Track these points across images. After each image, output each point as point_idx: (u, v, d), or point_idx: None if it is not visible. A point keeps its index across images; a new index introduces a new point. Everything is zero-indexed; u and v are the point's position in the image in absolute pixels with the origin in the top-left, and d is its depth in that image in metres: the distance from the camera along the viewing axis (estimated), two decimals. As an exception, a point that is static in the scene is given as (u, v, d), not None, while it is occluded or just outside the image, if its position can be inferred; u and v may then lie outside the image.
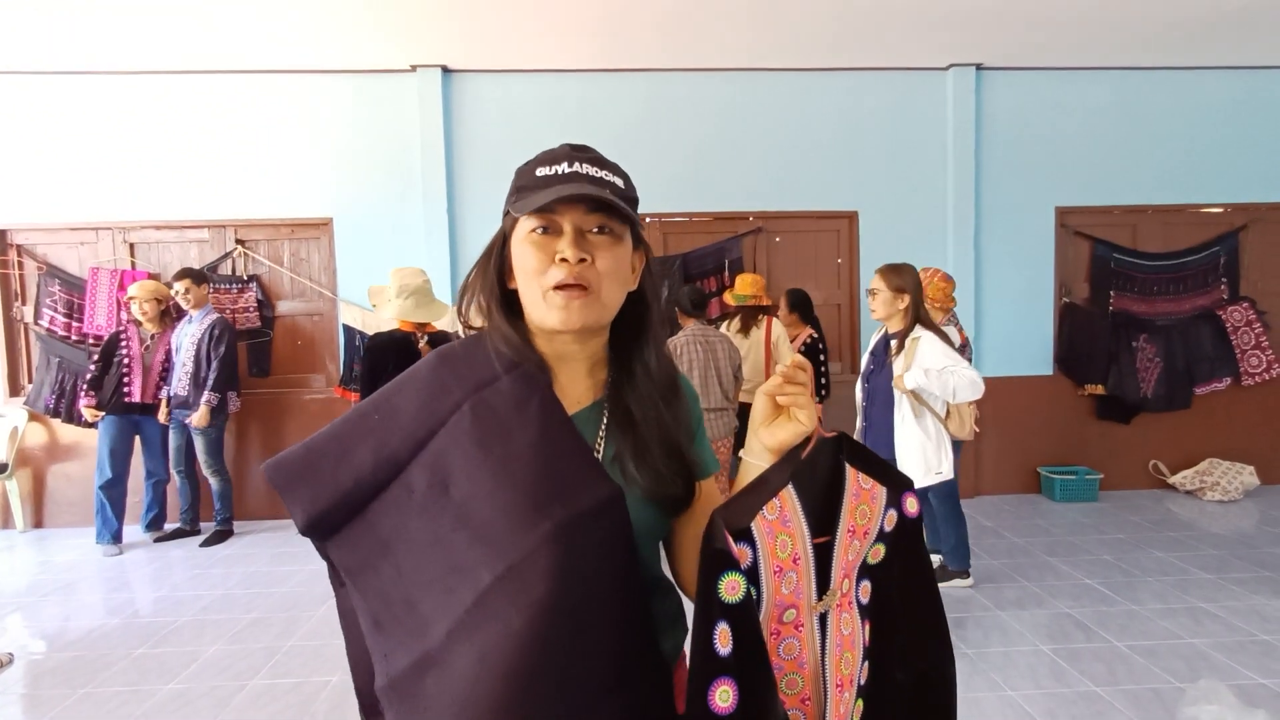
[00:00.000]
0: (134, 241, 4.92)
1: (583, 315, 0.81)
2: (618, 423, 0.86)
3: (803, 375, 0.82)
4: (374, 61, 4.72)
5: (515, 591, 0.71)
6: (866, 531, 0.88)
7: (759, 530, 0.79)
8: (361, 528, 0.79)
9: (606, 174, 0.83)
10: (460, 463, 0.78)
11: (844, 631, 0.87)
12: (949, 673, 0.94)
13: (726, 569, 0.76)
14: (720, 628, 0.75)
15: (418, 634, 0.75)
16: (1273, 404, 5.27)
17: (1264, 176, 5.22)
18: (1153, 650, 2.86)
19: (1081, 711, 2.44)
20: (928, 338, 3.07)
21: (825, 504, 0.85)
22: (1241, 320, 5.19)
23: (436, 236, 4.84)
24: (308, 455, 0.80)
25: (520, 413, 0.80)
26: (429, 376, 0.84)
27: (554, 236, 0.81)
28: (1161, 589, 3.46)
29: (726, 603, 0.75)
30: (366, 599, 0.78)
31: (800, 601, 0.83)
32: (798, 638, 0.84)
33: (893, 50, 4.74)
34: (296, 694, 2.66)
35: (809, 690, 0.84)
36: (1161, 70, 5.11)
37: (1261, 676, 2.63)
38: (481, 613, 0.72)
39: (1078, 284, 5.30)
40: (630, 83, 4.94)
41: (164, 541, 4.53)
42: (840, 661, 0.85)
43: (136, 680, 2.79)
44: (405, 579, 0.76)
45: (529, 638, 0.70)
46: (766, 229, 5.13)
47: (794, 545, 0.82)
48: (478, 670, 0.70)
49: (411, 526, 0.77)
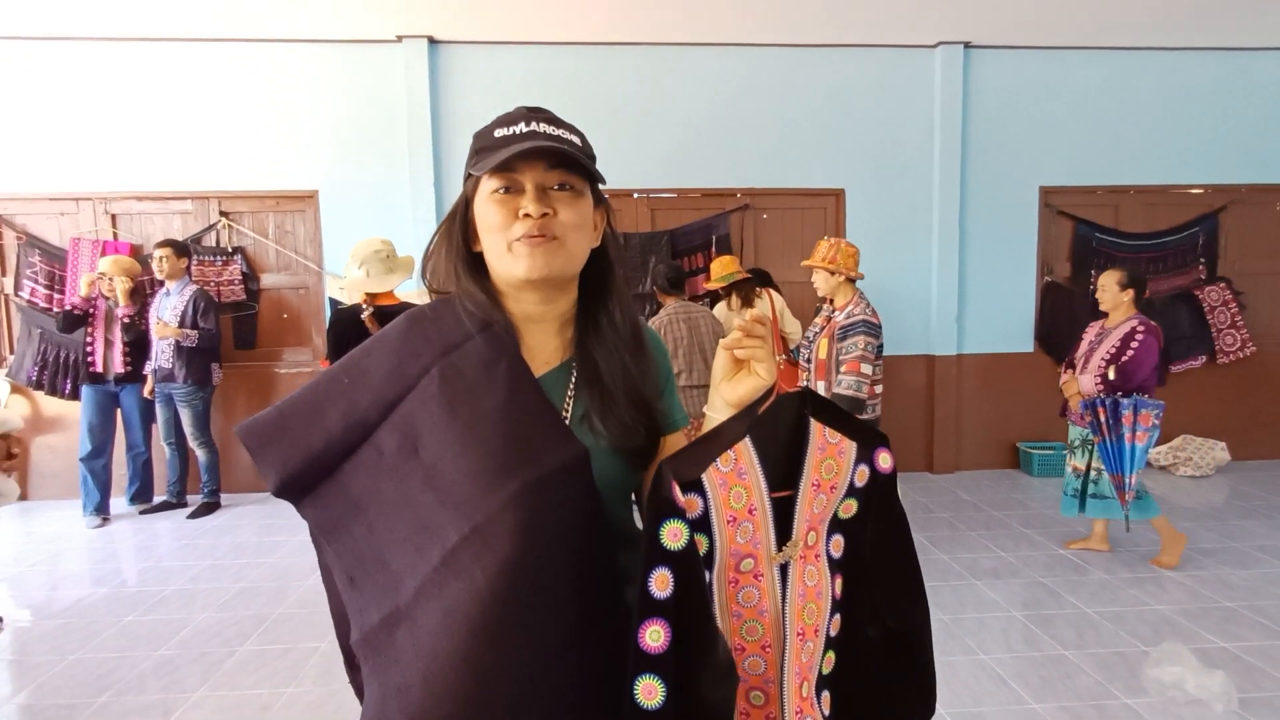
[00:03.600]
0: (116, 212, 4.86)
1: (548, 262, 0.82)
2: (585, 379, 0.88)
3: (760, 329, 0.84)
4: (359, 32, 4.66)
5: (480, 551, 0.74)
6: (834, 486, 0.89)
7: (710, 481, 0.82)
8: (333, 489, 0.81)
9: (564, 132, 0.84)
10: (428, 425, 0.79)
11: (807, 583, 0.88)
12: (923, 631, 0.94)
13: (669, 516, 0.79)
14: (658, 572, 0.78)
15: (389, 590, 0.77)
16: (1245, 382, 5.38)
17: (1243, 158, 5.28)
18: (1120, 616, 2.95)
19: (1050, 673, 2.53)
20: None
21: (787, 458, 0.86)
22: (1218, 300, 5.28)
23: (423, 210, 4.82)
24: (279, 418, 0.81)
25: (488, 375, 0.81)
26: (398, 339, 0.85)
27: (516, 195, 0.82)
28: (1131, 559, 3.56)
29: (667, 549, 0.78)
30: (341, 557, 0.81)
31: (759, 551, 0.85)
32: (757, 587, 0.86)
33: (881, 27, 4.74)
34: (285, 659, 2.70)
35: (770, 637, 0.86)
36: (1145, 51, 5.14)
37: (1223, 640, 2.74)
38: (448, 571, 0.74)
39: (1060, 263, 5.37)
40: (619, 57, 4.91)
41: (150, 514, 4.53)
42: (803, 611, 0.87)
43: (126, 647, 2.82)
44: (377, 538, 0.79)
45: (492, 595, 0.73)
46: (754, 205, 5.14)
47: (749, 497, 0.84)
48: (444, 625, 0.73)
49: (382, 487, 0.79)
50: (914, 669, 0.95)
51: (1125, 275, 3.45)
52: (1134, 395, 3.28)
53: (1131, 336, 3.34)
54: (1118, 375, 3.30)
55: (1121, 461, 3.32)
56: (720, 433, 0.84)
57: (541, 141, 0.80)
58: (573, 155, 0.81)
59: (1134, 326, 3.36)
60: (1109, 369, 3.33)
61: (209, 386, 4.48)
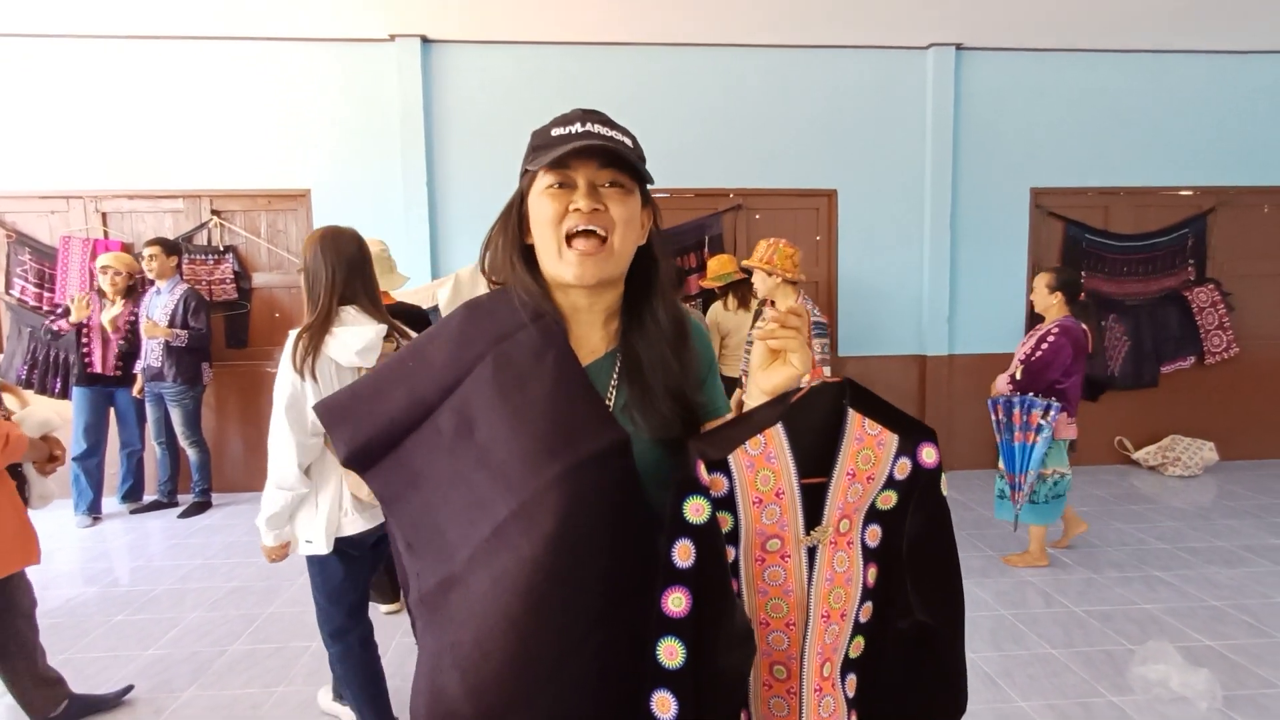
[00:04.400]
0: (106, 211, 4.84)
1: (597, 269, 0.87)
2: (628, 370, 0.93)
3: (795, 320, 0.88)
4: (352, 30, 4.65)
5: (527, 526, 0.81)
6: (870, 476, 0.90)
7: (737, 463, 0.86)
8: (395, 462, 0.89)
9: (616, 134, 0.89)
10: (482, 409, 0.86)
11: (837, 568, 0.91)
12: (955, 629, 0.95)
13: (692, 493, 0.84)
14: (681, 543, 0.83)
15: (444, 558, 0.85)
16: (1233, 383, 5.43)
17: (1232, 160, 5.32)
18: (1108, 615, 2.98)
19: (1037, 672, 2.55)
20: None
21: (822, 445, 0.88)
22: (1207, 301, 5.32)
23: (416, 209, 4.82)
24: (351, 397, 0.91)
25: (537, 363, 0.87)
26: (457, 328, 0.92)
27: (569, 190, 0.87)
28: (1120, 558, 3.59)
29: (690, 522, 0.83)
30: (400, 525, 0.89)
31: (786, 534, 0.89)
32: (783, 567, 0.89)
33: (874, 28, 4.76)
34: (277, 659, 2.70)
35: (794, 616, 0.90)
36: (1135, 54, 5.17)
37: (1209, 639, 2.76)
38: (498, 542, 0.82)
39: (1050, 264, 5.39)
40: (613, 57, 4.91)
41: (141, 513, 4.52)
42: (829, 595, 0.90)
43: (116, 645, 2.82)
44: (433, 510, 0.87)
45: (535, 566, 0.80)
46: (746, 206, 5.15)
47: (778, 481, 0.87)
48: (493, 590, 0.81)
49: (439, 464, 0.87)
50: (942, 664, 0.96)
51: (1055, 278, 3.43)
52: (1026, 395, 3.28)
53: (1046, 337, 3.33)
54: (1024, 375, 3.31)
55: (1012, 460, 3.34)
56: (751, 417, 0.88)
57: (595, 141, 0.85)
58: (624, 155, 0.85)
59: (1051, 328, 3.35)
60: (1018, 369, 3.34)
61: (199, 386, 4.46)
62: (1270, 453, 5.50)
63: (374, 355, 1.84)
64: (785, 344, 0.88)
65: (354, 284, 1.93)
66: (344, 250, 1.94)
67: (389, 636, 2.89)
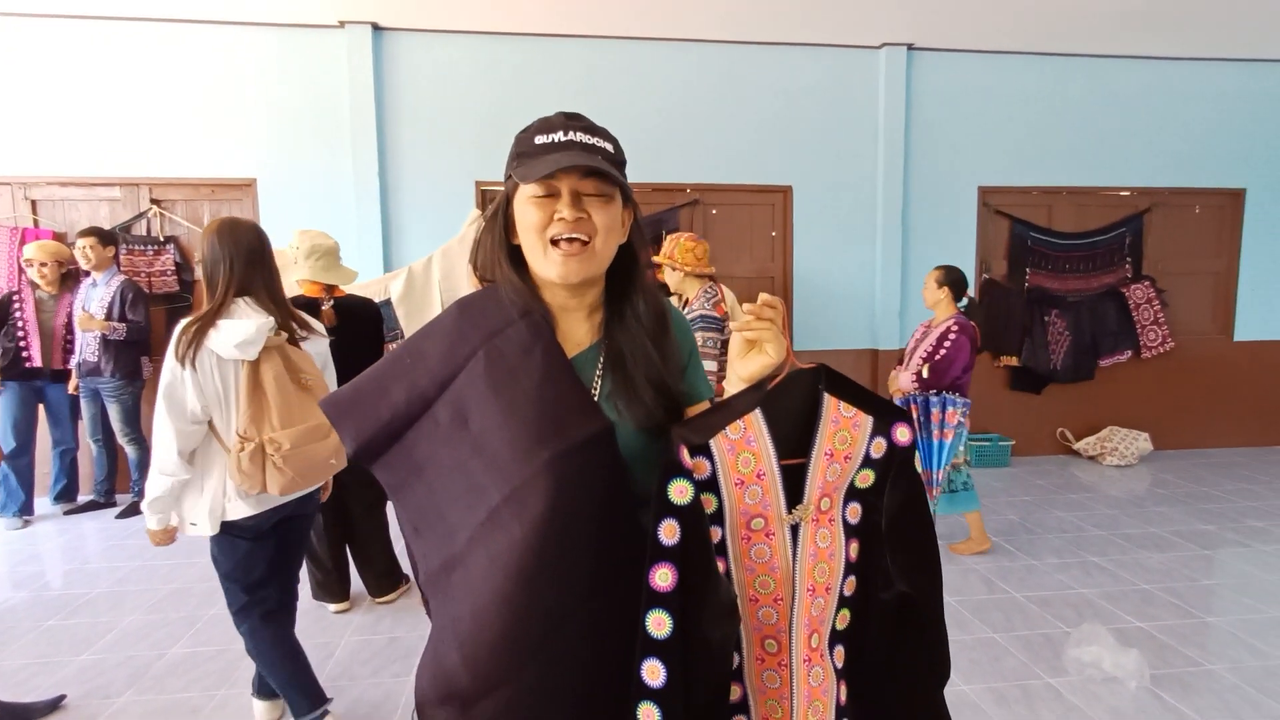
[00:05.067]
0: (36, 198, 4.61)
1: (580, 269, 0.93)
2: (611, 362, 0.98)
3: (770, 311, 0.93)
4: (300, 15, 4.52)
5: (518, 509, 0.87)
6: (848, 456, 0.96)
7: (718, 447, 0.92)
8: (400, 454, 0.94)
9: (598, 140, 0.93)
10: (475, 401, 0.92)
11: (819, 544, 0.96)
12: (934, 598, 1.00)
13: (676, 475, 0.89)
14: (666, 522, 0.89)
15: (448, 540, 0.92)
16: (1167, 376, 5.67)
17: (1167, 162, 5.55)
18: (1046, 600, 3.09)
19: (980, 656, 2.63)
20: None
21: (800, 428, 0.95)
22: (1143, 298, 5.54)
23: (367, 200, 4.71)
24: (354, 393, 0.96)
25: (526, 357, 0.93)
26: (451, 325, 0.98)
27: (553, 199, 0.92)
28: (1059, 545, 3.72)
29: (674, 503, 0.89)
30: (407, 511, 0.96)
31: (769, 513, 0.94)
32: (768, 544, 0.95)
33: (827, 27, 4.82)
34: (218, 661, 2.63)
35: (781, 591, 0.95)
36: (1078, 57, 5.34)
37: (1139, 620, 2.88)
38: (492, 525, 0.88)
39: (997, 261, 5.56)
40: (568, 50, 4.88)
41: (76, 514, 4.34)
42: (814, 570, 0.95)
43: (46, 652, 2.70)
44: (435, 496, 0.93)
45: (526, 546, 0.86)
46: (703, 201, 5.18)
47: (758, 463, 0.93)
48: (489, 569, 0.88)
49: (440, 453, 0.93)
50: (924, 630, 1.00)
51: (942, 274, 3.52)
52: (943, 394, 3.39)
53: (946, 335, 3.41)
54: (930, 373, 3.42)
55: (930, 457, 3.45)
56: (731, 404, 0.94)
57: (578, 154, 0.89)
58: (604, 170, 0.90)
59: (949, 326, 3.42)
60: (924, 367, 3.45)
61: (138, 381, 4.30)
62: (1200, 442, 5.77)
63: (254, 348, 1.86)
64: (760, 335, 0.93)
65: (252, 275, 1.95)
66: (242, 241, 1.94)
67: (338, 635, 2.83)
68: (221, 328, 1.85)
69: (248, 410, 1.87)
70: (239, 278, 1.92)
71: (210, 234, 1.93)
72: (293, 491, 1.93)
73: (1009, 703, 2.33)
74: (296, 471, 1.88)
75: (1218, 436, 5.79)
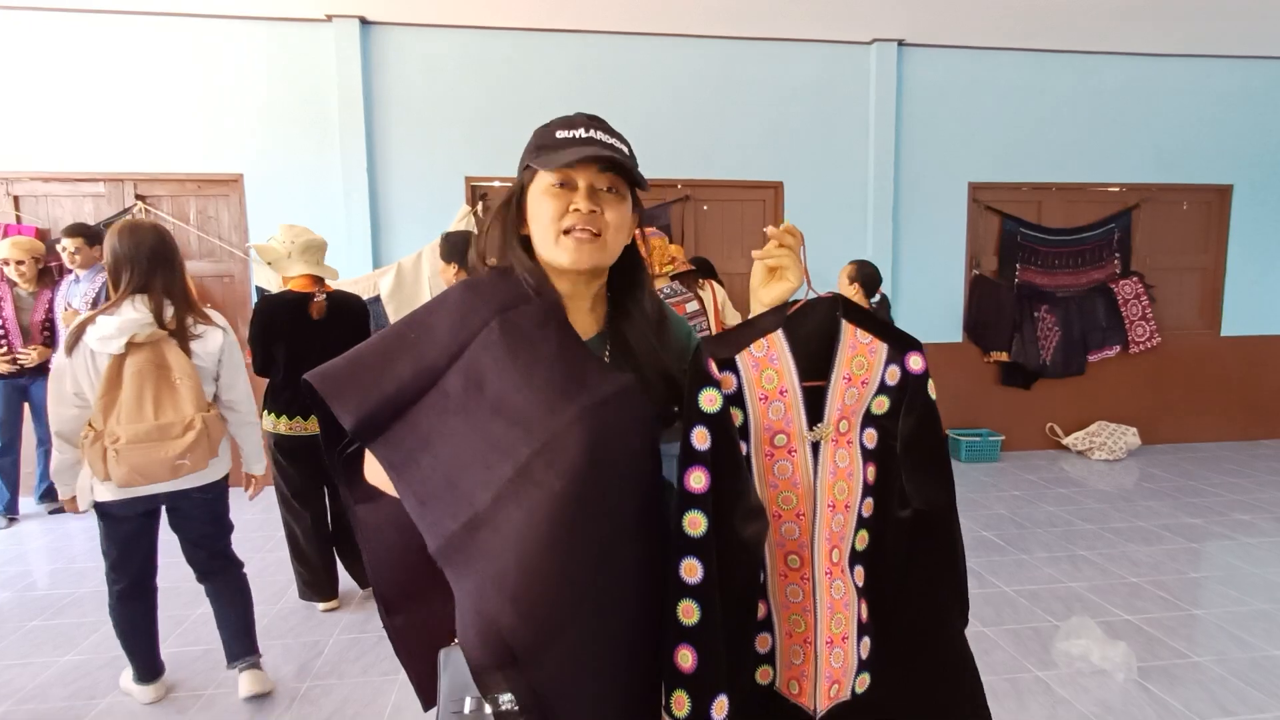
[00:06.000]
0: (19, 194, 4.56)
1: (590, 256, 0.94)
2: (619, 349, 1.02)
3: (790, 239, 0.99)
4: (287, 9, 4.47)
5: (553, 460, 0.86)
6: (865, 381, 1.00)
7: (744, 362, 0.96)
8: (404, 428, 0.91)
9: (616, 142, 0.96)
10: (491, 367, 0.91)
11: (839, 463, 1.00)
12: (949, 513, 1.04)
13: (705, 385, 0.94)
14: (698, 429, 0.93)
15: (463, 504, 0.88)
16: (1154, 371, 5.70)
17: (1155, 158, 5.57)
18: (1036, 594, 3.10)
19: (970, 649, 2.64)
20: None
21: (819, 353, 0.99)
22: (1131, 293, 5.57)
23: (356, 196, 4.68)
24: (352, 367, 0.93)
25: (541, 331, 0.94)
26: (459, 300, 0.97)
27: (569, 191, 0.94)
28: (1048, 539, 3.74)
29: (705, 411, 0.93)
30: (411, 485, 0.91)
31: (791, 429, 0.98)
32: (791, 461, 0.99)
33: (818, 22, 4.81)
34: (205, 661, 2.61)
35: (803, 507, 0.99)
36: (1068, 53, 5.36)
37: (1127, 613, 2.90)
38: (523, 480, 0.86)
39: (987, 256, 5.57)
40: (558, 45, 4.85)
41: (61, 513, 4.30)
42: (833, 487, 0.99)
43: (29, 653, 2.67)
44: (443, 465, 0.89)
45: (566, 496, 0.85)
46: (695, 197, 5.17)
47: (780, 380, 0.97)
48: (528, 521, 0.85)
49: (449, 423, 0.90)
50: (940, 547, 1.04)
51: (854, 269, 3.45)
52: None
53: None
54: None
55: None
56: (754, 323, 0.99)
57: (600, 149, 0.92)
58: (625, 165, 0.93)
59: None
60: None
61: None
62: (1187, 437, 5.81)
63: (114, 344, 2.00)
64: (780, 261, 1.00)
65: (151, 274, 2.08)
66: (143, 242, 2.08)
67: (327, 633, 2.82)
68: (98, 323, 2.01)
69: (100, 402, 2.00)
70: (136, 277, 2.07)
71: (112, 236, 2.09)
72: (135, 485, 2.04)
73: (998, 696, 2.34)
74: (132, 466, 2.00)
75: (1205, 431, 5.83)
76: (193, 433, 2.06)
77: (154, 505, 2.20)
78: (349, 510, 1.04)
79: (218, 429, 2.16)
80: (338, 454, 1.03)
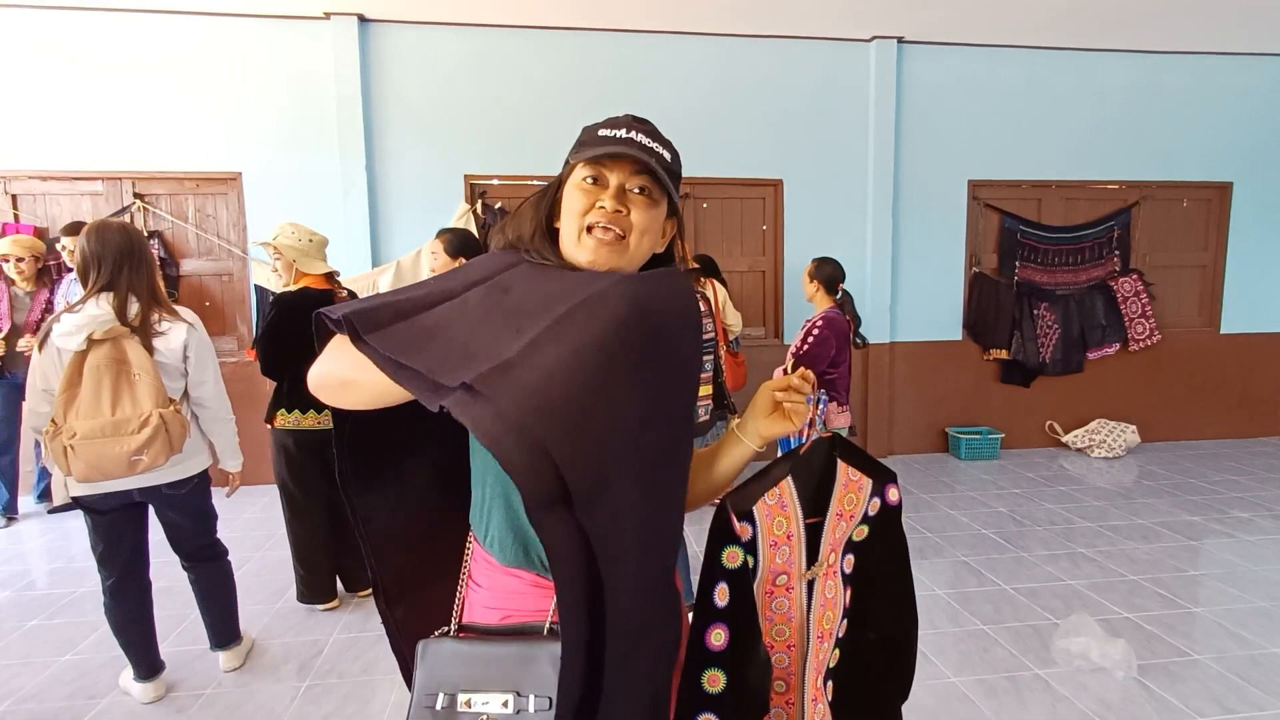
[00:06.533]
0: (16, 192, 4.54)
1: (610, 258, 0.93)
2: None
3: (806, 386, 1.01)
4: (285, 7, 4.46)
5: (595, 308, 0.83)
6: (852, 515, 1.08)
7: (759, 512, 1.01)
8: (406, 325, 0.83)
9: (658, 146, 0.95)
10: (519, 281, 0.91)
11: (827, 595, 1.08)
12: (911, 636, 1.16)
13: (729, 543, 0.99)
14: (720, 586, 0.98)
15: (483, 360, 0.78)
16: (1154, 368, 5.71)
17: (1155, 156, 5.57)
18: (1035, 591, 3.10)
19: (969, 648, 2.64)
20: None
21: (818, 491, 1.06)
22: (1131, 291, 5.57)
23: (354, 194, 4.67)
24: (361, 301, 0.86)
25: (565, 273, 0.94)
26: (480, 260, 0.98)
27: (600, 188, 0.94)
28: (1048, 537, 3.74)
29: (727, 568, 0.99)
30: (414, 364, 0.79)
31: (792, 569, 1.05)
32: (788, 598, 1.06)
33: (819, 20, 4.80)
34: (204, 660, 2.60)
35: (794, 639, 1.06)
36: (1067, 51, 5.35)
37: (1126, 611, 2.90)
38: (563, 325, 0.81)
39: (986, 254, 5.57)
40: (557, 42, 4.84)
41: (59, 512, 4.29)
42: (822, 618, 1.07)
43: (28, 653, 2.67)
44: (455, 341, 0.81)
45: (608, 337, 0.81)
46: (694, 195, 5.16)
47: (789, 525, 1.03)
48: (571, 353, 0.78)
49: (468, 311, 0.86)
50: (899, 664, 1.17)
51: (814, 267, 3.37)
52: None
53: (811, 331, 3.27)
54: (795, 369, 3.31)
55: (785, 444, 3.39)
56: (769, 472, 1.04)
57: (635, 150, 0.92)
58: (654, 169, 0.92)
59: (816, 321, 3.28)
60: (789, 363, 3.38)
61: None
62: (1187, 434, 5.82)
63: (73, 340, 2.04)
64: (795, 408, 1.00)
65: (117, 273, 2.13)
66: (109, 241, 2.13)
67: (327, 633, 2.81)
68: (62, 320, 2.06)
69: (60, 397, 2.02)
70: (103, 276, 2.11)
71: (82, 236, 2.14)
72: (94, 480, 2.06)
73: (998, 694, 2.34)
74: (87, 462, 2.01)
75: (1204, 428, 5.83)
76: (149, 429, 2.04)
77: (128, 500, 2.21)
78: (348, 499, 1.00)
79: (178, 426, 2.11)
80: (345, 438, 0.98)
